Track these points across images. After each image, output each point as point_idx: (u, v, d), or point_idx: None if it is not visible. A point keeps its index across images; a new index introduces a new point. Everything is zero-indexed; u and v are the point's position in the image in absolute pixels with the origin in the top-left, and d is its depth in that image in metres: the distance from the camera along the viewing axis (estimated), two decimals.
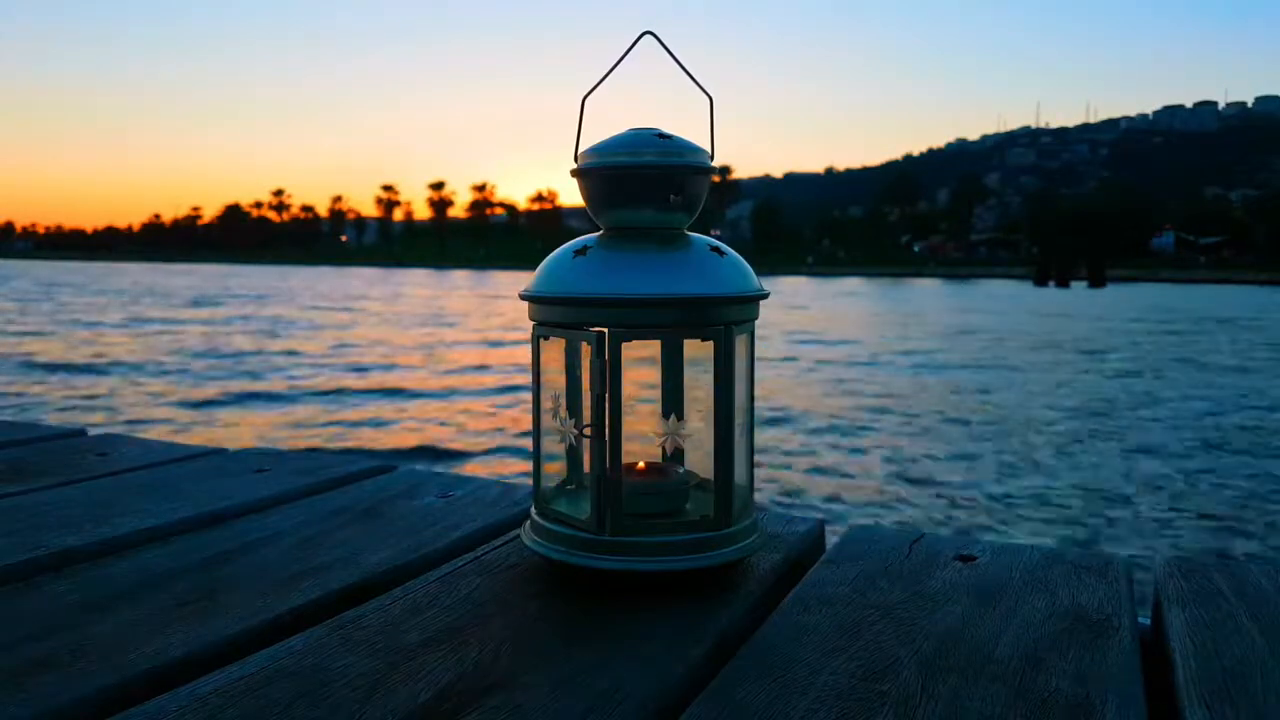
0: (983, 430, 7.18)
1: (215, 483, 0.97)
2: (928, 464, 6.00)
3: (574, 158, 0.71)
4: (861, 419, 7.54)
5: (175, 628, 0.61)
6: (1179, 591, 0.69)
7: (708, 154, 0.71)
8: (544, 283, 0.69)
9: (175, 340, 13.76)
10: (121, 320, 17.40)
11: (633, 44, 0.69)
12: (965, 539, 0.81)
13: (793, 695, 0.52)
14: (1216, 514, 4.88)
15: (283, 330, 15.76)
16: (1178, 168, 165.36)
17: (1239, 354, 13.57)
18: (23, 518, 0.84)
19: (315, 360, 11.42)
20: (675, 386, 0.76)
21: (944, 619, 0.63)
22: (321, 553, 0.76)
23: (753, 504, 0.73)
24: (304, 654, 0.57)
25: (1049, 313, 23.05)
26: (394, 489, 0.96)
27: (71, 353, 11.66)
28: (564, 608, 0.65)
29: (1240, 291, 43.28)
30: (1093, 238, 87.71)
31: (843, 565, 0.74)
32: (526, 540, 0.71)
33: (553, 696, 0.52)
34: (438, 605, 0.65)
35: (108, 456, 1.09)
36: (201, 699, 0.51)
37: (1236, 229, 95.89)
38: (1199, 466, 6.02)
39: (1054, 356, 12.81)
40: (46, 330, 15.09)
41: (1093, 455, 6.33)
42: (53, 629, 0.60)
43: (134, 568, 0.72)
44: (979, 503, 5.01)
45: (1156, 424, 7.60)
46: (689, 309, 0.66)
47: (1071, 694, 0.53)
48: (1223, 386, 9.91)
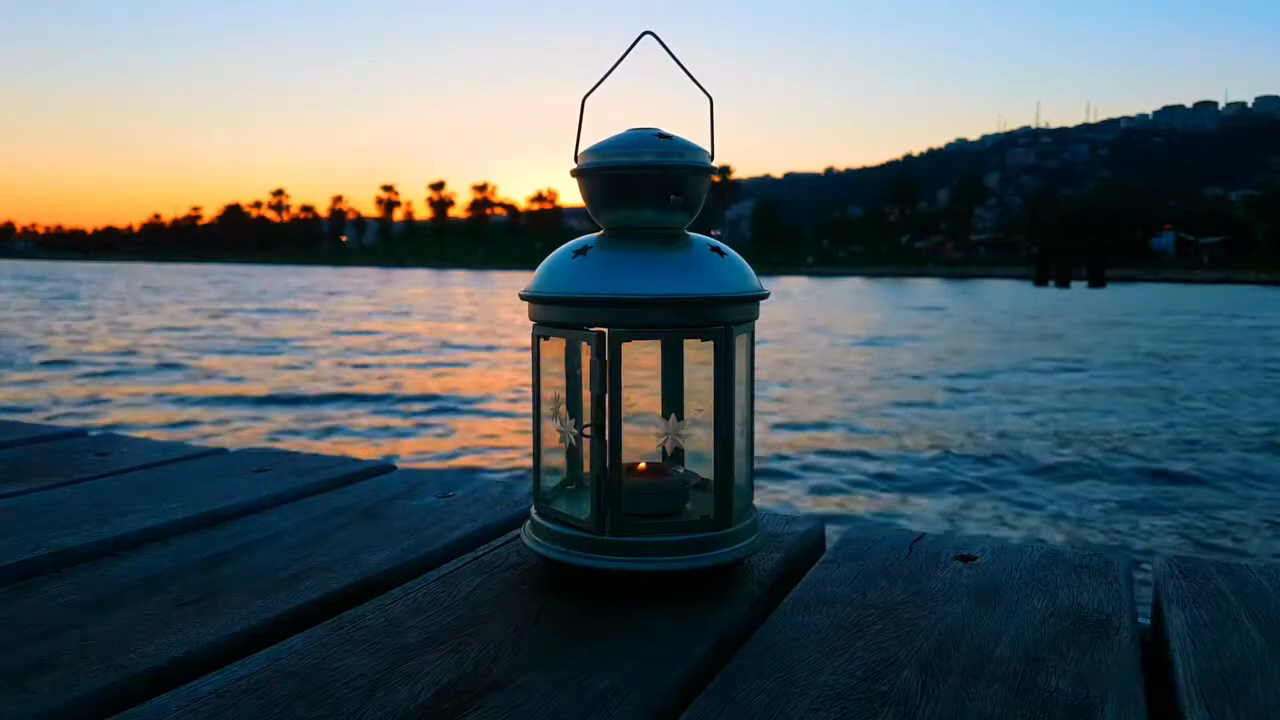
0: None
1: (215, 483, 0.97)
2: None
3: (574, 158, 0.71)
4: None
5: (175, 628, 0.61)
6: (1179, 591, 0.69)
7: (708, 154, 0.71)
8: (544, 283, 0.69)
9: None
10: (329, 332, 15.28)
11: (633, 44, 0.69)
12: (965, 539, 0.81)
13: (793, 695, 0.52)
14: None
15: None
16: (1178, 168, 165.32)
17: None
18: (23, 518, 0.84)
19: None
20: (675, 386, 0.76)
21: (944, 619, 0.63)
22: (321, 553, 0.76)
23: (753, 504, 0.73)
24: (304, 654, 0.57)
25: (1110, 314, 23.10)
26: (394, 489, 0.96)
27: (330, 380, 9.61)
28: (564, 608, 0.65)
29: (1243, 291, 43.33)
30: (1093, 238, 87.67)
31: (843, 565, 0.74)
32: (526, 540, 0.71)
33: (552, 696, 0.51)
34: (438, 605, 0.65)
35: (108, 456, 1.09)
36: (201, 699, 0.51)
37: (1237, 229, 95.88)
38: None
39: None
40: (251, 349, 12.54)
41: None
42: (53, 629, 0.60)
43: (134, 568, 0.72)
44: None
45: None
46: (689, 309, 0.66)
47: (1071, 694, 0.53)
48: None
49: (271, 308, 21.91)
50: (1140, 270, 68.28)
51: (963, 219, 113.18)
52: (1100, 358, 12.40)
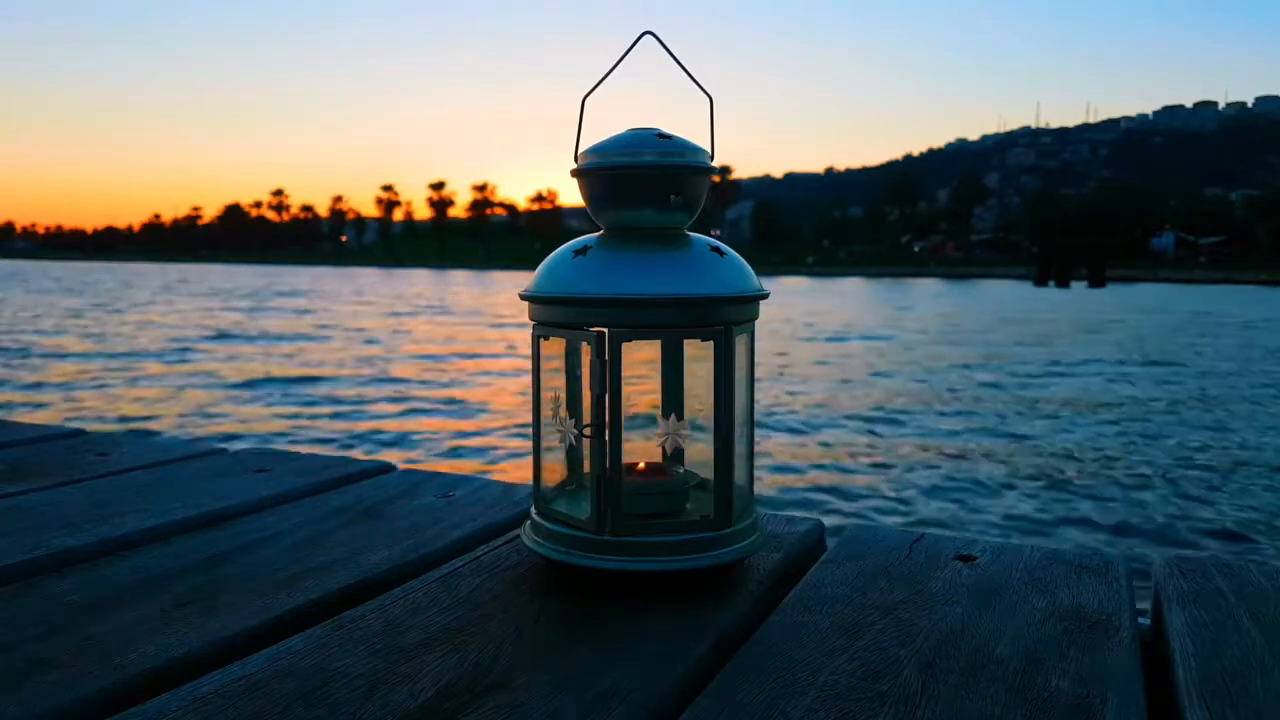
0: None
1: (215, 483, 0.97)
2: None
3: (574, 158, 0.71)
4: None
5: (175, 628, 0.61)
6: (1179, 591, 0.69)
7: (708, 154, 0.71)
8: (544, 283, 0.69)
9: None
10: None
11: (633, 44, 0.69)
12: (965, 539, 0.81)
13: (793, 695, 0.52)
14: None
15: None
16: (1178, 168, 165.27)
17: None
18: (23, 518, 0.84)
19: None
20: (675, 386, 0.76)
21: (944, 619, 0.63)
22: (321, 553, 0.76)
23: (753, 504, 0.73)
24: (304, 654, 0.57)
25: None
26: (394, 489, 0.96)
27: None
28: (564, 608, 0.65)
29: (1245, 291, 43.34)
30: (1093, 238, 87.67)
31: (843, 565, 0.74)
32: (526, 540, 0.71)
33: (552, 696, 0.51)
34: (437, 605, 0.65)
35: (108, 456, 1.09)
36: (201, 699, 0.51)
37: (1237, 229, 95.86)
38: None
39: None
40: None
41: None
42: (53, 629, 0.60)
43: (134, 568, 0.72)
44: None
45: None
46: (689, 309, 0.66)
47: (1071, 694, 0.53)
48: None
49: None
50: (1140, 270, 68.28)
51: (963, 219, 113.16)
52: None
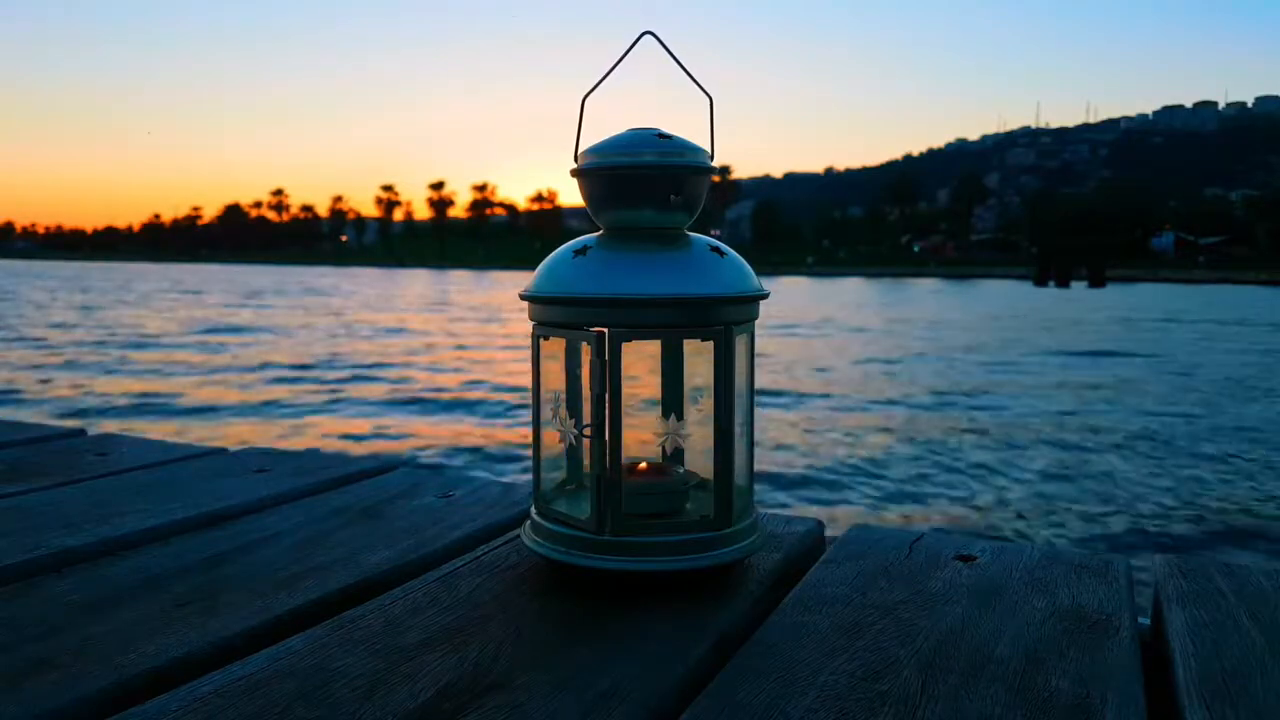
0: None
1: (215, 483, 0.97)
2: None
3: (574, 158, 0.71)
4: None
5: (175, 628, 0.61)
6: (1179, 591, 0.69)
7: (708, 154, 0.71)
8: (544, 283, 0.69)
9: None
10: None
11: (633, 44, 0.69)
12: (965, 539, 0.81)
13: (793, 695, 0.52)
14: None
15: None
16: (1178, 168, 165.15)
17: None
18: (23, 518, 0.84)
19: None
20: (675, 386, 0.76)
21: (944, 619, 0.63)
22: (321, 553, 0.76)
23: (753, 504, 0.73)
24: (303, 654, 0.57)
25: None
26: (394, 489, 0.96)
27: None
28: (564, 608, 0.65)
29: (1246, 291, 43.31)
30: (1092, 238, 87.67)
31: (843, 565, 0.74)
32: (526, 540, 0.71)
33: (552, 696, 0.51)
34: (437, 605, 0.65)
35: (107, 456, 1.09)
36: (201, 699, 0.51)
37: (1237, 229, 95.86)
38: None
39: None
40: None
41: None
42: (53, 629, 0.60)
43: (134, 568, 0.72)
44: None
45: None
46: (689, 309, 0.66)
47: (1071, 694, 0.53)
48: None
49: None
50: (1140, 270, 68.27)
51: (963, 219, 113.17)
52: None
